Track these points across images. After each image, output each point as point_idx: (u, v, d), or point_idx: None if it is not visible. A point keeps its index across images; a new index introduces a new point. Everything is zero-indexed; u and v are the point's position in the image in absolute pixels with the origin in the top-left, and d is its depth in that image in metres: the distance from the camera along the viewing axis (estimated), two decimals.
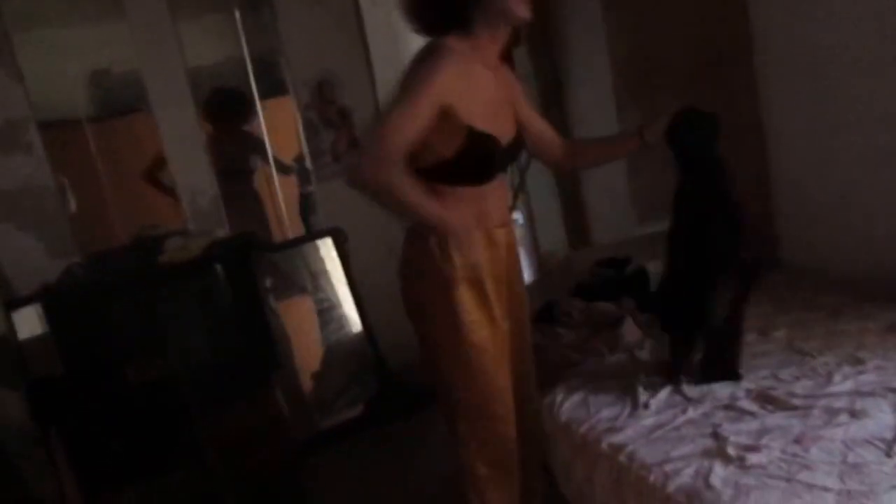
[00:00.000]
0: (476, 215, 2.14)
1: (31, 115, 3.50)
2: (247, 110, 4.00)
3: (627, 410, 2.32)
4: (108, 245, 3.72)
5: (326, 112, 4.01)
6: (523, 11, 2.05)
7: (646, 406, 2.32)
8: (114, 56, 3.76)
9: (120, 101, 3.84)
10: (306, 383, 4.00)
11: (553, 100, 4.60)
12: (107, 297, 3.12)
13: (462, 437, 2.22)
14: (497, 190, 2.20)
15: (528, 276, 5.08)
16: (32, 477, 2.90)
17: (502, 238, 2.23)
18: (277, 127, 4.06)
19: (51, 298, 3.09)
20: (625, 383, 2.51)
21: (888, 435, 1.88)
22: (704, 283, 2.29)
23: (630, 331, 2.80)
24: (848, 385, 2.16)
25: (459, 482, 2.26)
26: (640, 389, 2.42)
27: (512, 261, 2.30)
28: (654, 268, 3.19)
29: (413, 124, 1.97)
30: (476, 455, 2.21)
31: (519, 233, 5.32)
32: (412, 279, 2.20)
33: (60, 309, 3.05)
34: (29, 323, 3.21)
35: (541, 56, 4.59)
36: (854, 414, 2.00)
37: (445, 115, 2.01)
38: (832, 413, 2.03)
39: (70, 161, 3.65)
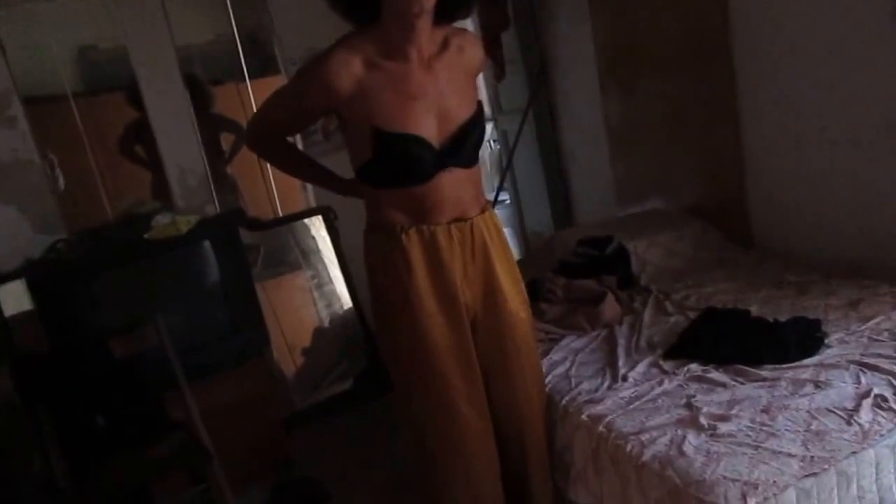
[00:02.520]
0: (418, 213, 2.08)
1: (13, 88, 3.43)
2: (200, 94, 3.91)
3: (607, 383, 2.40)
4: (96, 222, 3.67)
5: None
6: (404, 21, 1.94)
7: (624, 379, 2.40)
8: (101, 33, 3.71)
9: (107, 78, 3.78)
10: (297, 358, 4.05)
11: (539, 83, 4.68)
12: (92, 272, 3.13)
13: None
14: (448, 186, 2.07)
15: (515, 254, 5.16)
16: (20, 451, 2.94)
17: (466, 232, 2.13)
18: None
19: (35, 274, 3.10)
20: (605, 357, 2.61)
21: (849, 404, 1.99)
22: None
23: (610, 307, 2.88)
24: (813, 358, 2.27)
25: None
26: (620, 363, 2.52)
27: (487, 258, 2.18)
28: (634, 247, 3.30)
29: (275, 114, 2.16)
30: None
31: (506, 213, 5.39)
32: (375, 268, 2.17)
33: (45, 284, 3.05)
34: (14, 298, 3.18)
35: (528, 41, 4.65)
36: (818, 385, 2.11)
37: (343, 118, 2.05)
38: (798, 384, 2.14)
39: (57, 137, 3.56)
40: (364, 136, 2.00)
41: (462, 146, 2.08)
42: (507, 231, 5.49)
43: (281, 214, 4.06)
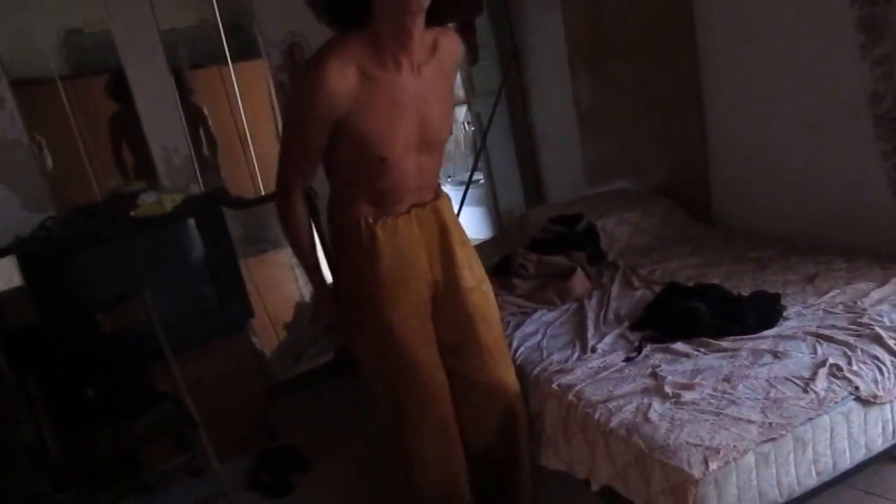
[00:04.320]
0: (383, 202, 2.05)
1: (1, 70, 3.37)
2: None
3: (576, 354, 2.41)
4: (84, 201, 3.61)
5: None
6: (416, 4, 1.79)
7: (593, 350, 2.41)
8: (86, 17, 3.67)
9: (93, 61, 3.75)
10: (279, 332, 4.04)
11: (511, 67, 4.65)
12: (81, 249, 3.08)
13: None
14: (414, 173, 2.05)
15: (488, 232, 5.17)
16: (11, 421, 2.92)
17: (429, 215, 2.12)
18: (250, 89, 4.02)
19: (25, 251, 3.05)
20: (574, 329, 2.61)
21: (806, 373, 2.01)
22: None
23: (580, 282, 2.88)
24: (772, 330, 2.29)
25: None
26: (589, 335, 2.52)
27: (446, 238, 2.16)
28: (603, 224, 3.30)
29: (306, 150, 1.97)
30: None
31: (480, 193, 5.39)
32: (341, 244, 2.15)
33: (35, 261, 3.01)
34: (5, 275, 3.15)
35: (500, 26, 4.62)
36: (777, 355, 2.13)
37: (338, 124, 1.91)
38: (757, 355, 2.15)
39: (45, 119, 3.53)
40: (348, 140, 1.94)
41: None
42: (480, 210, 5.52)
43: (263, 193, 4.03)
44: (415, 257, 2.10)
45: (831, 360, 2.04)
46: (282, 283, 4.12)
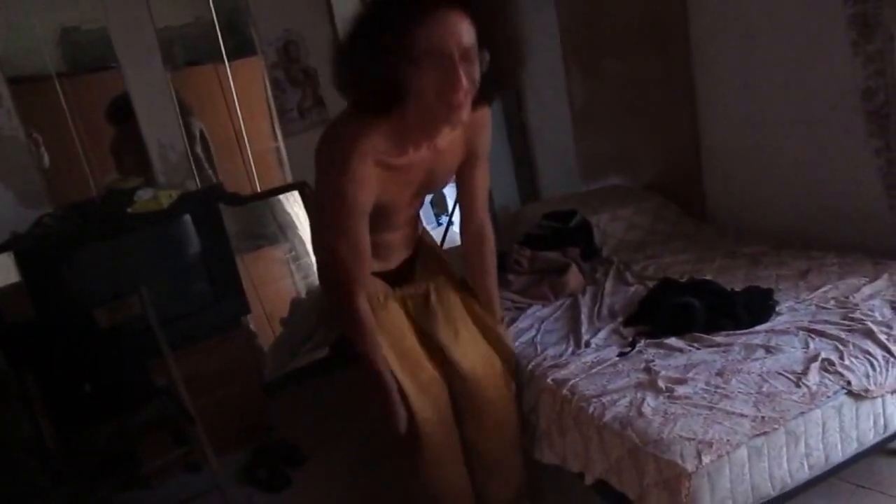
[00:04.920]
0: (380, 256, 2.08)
1: None
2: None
3: (571, 349, 2.40)
4: (81, 197, 3.61)
5: (292, 71, 3.99)
6: (458, 115, 1.71)
7: (587, 345, 2.40)
8: (83, 15, 3.66)
9: (90, 59, 3.74)
10: (275, 328, 4.03)
11: None
12: (78, 245, 3.08)
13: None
14: (401, 224, 2.08)
15: None
16: (10, 417, 2.91)
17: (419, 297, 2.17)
18: (246, 86, 4.01)
19: (22, 247, 3.05)
20: (569, 324, 2.60)
21: (798, 368, 2.00)
22: None
23: (574, 277, 2.88)
24: (764, 325, 2.28)
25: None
26: (583, 330, 2.51)
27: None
28: (596, 220, 3.30)
29: (357, 247, 1.88)
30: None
31: None
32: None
33: (32, 257, 3.00)
34: (2, 271, 3.14)
35: None
36: (769, 350, 2.12)
37: None
38: (750, 349, 2.15)
39: (42, 116, 3.52)
40: None
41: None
42: None
43: (259, 190, 4.03)
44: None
45: (823, 355, 2.03)
46: (278, 278, 4.11)
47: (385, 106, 1.76)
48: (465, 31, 1.65)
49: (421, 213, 2.30)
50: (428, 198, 3.61)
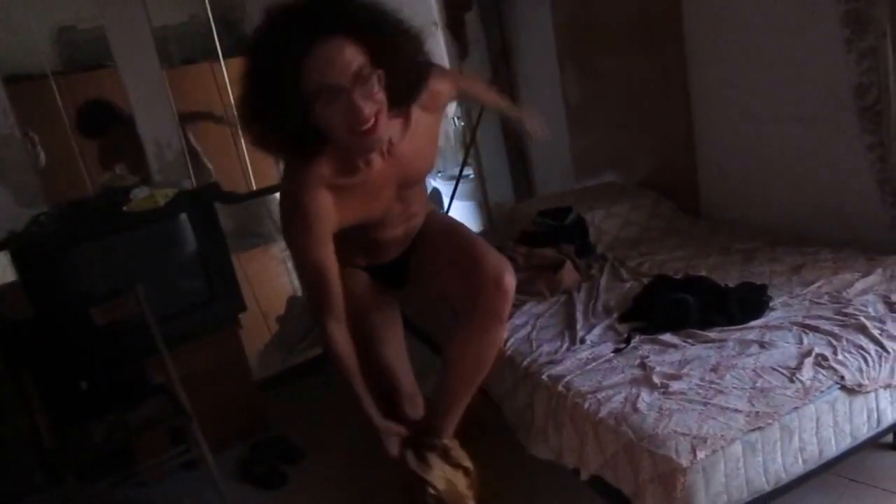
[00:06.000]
0: (369, 250, 2.09)
1: None
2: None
3: (566, 345, 2.40)
4: (77, 196, 3.57)
5: None
6: (373, 136, 1.67)
7: (582, 341, 2.40)
8: (79, 14, 3.65)
9: (86, 58, 3.73)
10: (271, 325, 4.03)
11: (501, 62, 4.63)
12: (74, 244, 3.06)
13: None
14: (395, 214, 2.02)
15: (478, 226, 5.16)
16: (7, 415, 2.91)
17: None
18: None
19: (18, 246, 3.03)
20: (564, 321, 2.60)
21: (792, 363, 2.01)
22: None
23: (569, 274, 2.87)
24: (759, 320, 2.28)
25: None
26: (578, 326, 2.51)
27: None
28: (591, 217, 3.29)
29: (324, 279, 1.86)
30: None
31: (470, 186, 5.39)
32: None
33: (28, 256, 2.99)
34: None
35: (490, 21, 4.60)
36: (763, 345, 2.12)
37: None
38: (744, 345, 2.15)
39: (38, 115, 3.50)
40: None
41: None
42: (470, 204, 5.49)
43: (255, 188, 4.02)
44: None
45: (817, 350, 2.04)
46: (274, 276, 4.11)
47: (308, 149, 1.73)
48: (349, 56, 1.59)
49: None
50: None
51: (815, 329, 2.15)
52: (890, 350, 2.01)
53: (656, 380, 2.05)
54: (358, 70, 1.60)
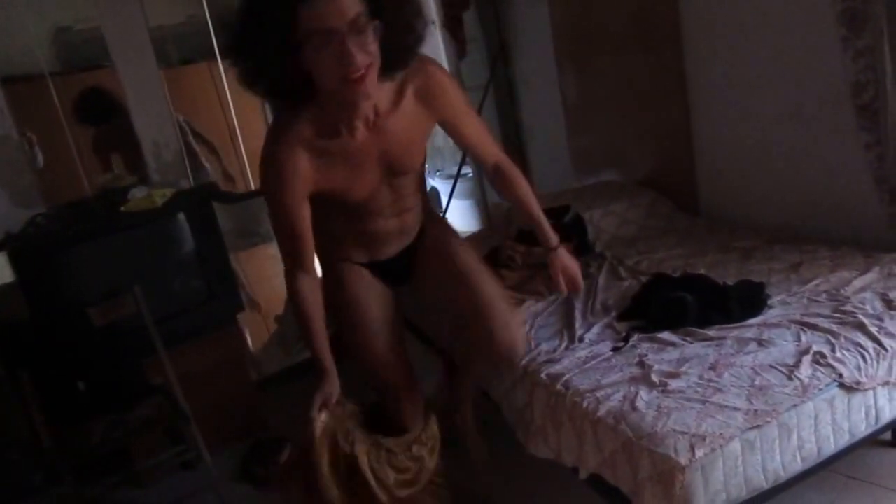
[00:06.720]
0: (370, 246, 2.11)
1: None
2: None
3: (564, 344, 2.40)
4: (74, 196, 3.57)
5: None
6: (360, 88, 1.66)
7: (580, 340, 2.40)
8: (77, 14, 3.64)
9: (83, 58, 3.73)
10: (270, 325, 4.02)
11: (499, 61, 4.63)
12: (71, 243, 3.06)
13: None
14: (384, 205, 2.02)
15: (476, 224, 5.16)
16: (5, 416, 2.90)
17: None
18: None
19: (16, 246, 3.03)
20: (562, 320, 2.60)
21: (790, 361, 2.01)
22: None
23: None
24: (757, 318, 2.28)
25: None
26: (576, 325, 2.51)
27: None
28: (590, 216, 3.29)
29: (294, 232, 1.88)
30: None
31: (468, 186, 5.39)
32: None
33: (26, 257, 2.99)
34: None
35: (488, 20, 4.60)
36: (761, 343, 2.12)
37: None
38: (743, 343, 2.15)
39: (35, 116, 3.51)
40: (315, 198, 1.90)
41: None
42: (468, 203, 5.48)
43: (253, 188, 4.02)
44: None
45: (815, 348, 2.04)
46: (272, 276, 4.09)
47: (295, 94, 1.73)
48: (347, 3, 1.60)
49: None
50: None
51: (814, 327, 2.15)
52: (888, 348, 2.01)
53: (655, 378, 2.05)
54: (355, 17, 1.61)
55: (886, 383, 1.98)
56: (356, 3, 1.61)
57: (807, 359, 2.00)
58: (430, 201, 2.25)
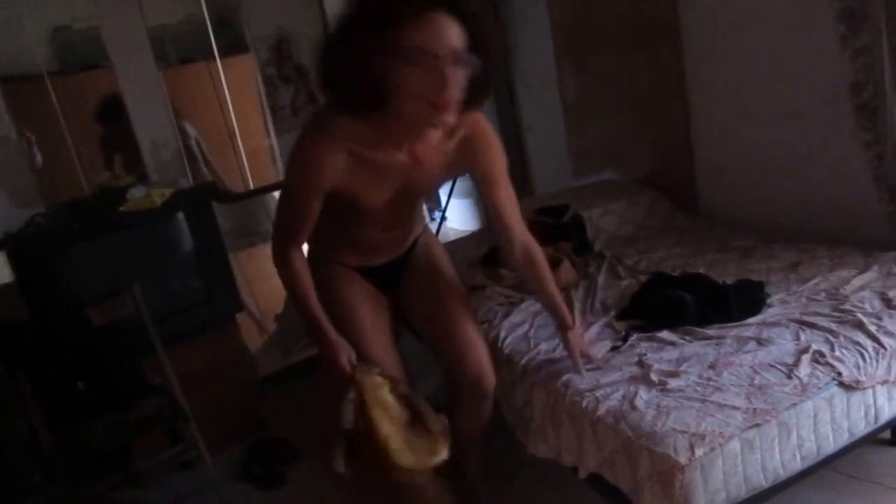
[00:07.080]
0: (363, 253, 2.15)
1: None
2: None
3: None
4: (73, 196, 3.59)
5: (285, 69, 3.98)
6: (445, 117, 1.70)
7: None
8: (75, 13, 3.64)
9: (81, 57, 3.73)
10: (269, 325, 4.02)
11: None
12: (70, 243, 3.06)
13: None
14: (382, 221, 2.05)
15: (475, 223, 5.15)
16: (4, 416, 2.90)
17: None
18: (238, 84, 3.99)
19: (15, 246, 3.04)
20: None
21: (789, 360, 2.00)
22: None
23: (566, 272, 2.86)
24: (756, 317, 2.28)
25: None
26: (576, 324, 2.50)
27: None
28: (589, 215, 3.29)
29: (299, 216, 1.92)
30: None
31: (467, 185, 5.36)
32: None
33: (25, 256, 2.99)
34: None
35: None
36: (761, 342, 2.12)
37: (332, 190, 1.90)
38: (742, 342, 2.15)
39: (34, 115, 3.51)
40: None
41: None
42: (468, 202, 5.47)
43: (252, 187, 4.02)
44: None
45: (814, 347, 2.04)
46: (272, 275, 4.06)
47: (366, 106, 1.74)
48: (455, 35, 1.64)
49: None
50: None
51: (813, 326, 2.15)
52: (887, 346, 2.01)
53: (654, 377, 2.05)
54: (459, 50, 1.64)
55: (885, 382, 1.98)
56: (460, 37, 1.64)
57: (806, 358, 1.99)
58: (424, 217, 2.28)
